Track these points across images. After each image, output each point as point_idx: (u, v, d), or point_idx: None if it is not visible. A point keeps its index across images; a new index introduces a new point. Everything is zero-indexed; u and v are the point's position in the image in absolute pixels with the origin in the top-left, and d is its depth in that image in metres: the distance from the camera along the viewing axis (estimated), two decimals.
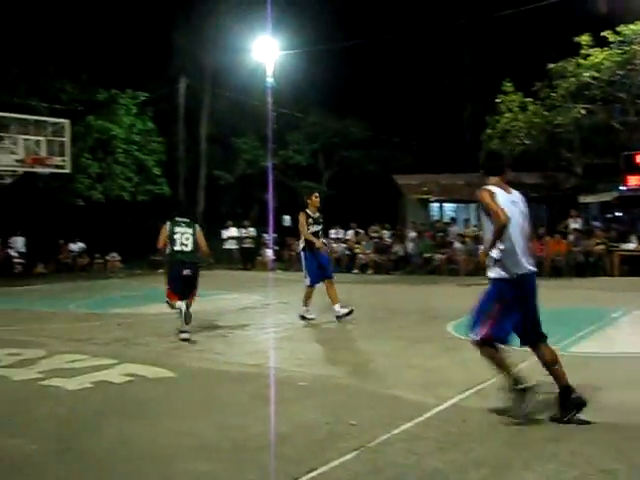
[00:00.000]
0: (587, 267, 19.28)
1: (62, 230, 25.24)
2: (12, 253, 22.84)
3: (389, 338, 9.00)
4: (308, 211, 10.91)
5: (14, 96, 23.67)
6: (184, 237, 9.42)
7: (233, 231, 25.77)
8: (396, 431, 4.89)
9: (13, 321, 11.69)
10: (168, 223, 9.57)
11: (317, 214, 11.02)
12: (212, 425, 5.20)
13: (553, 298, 10.82)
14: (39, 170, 21.55)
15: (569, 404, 5.03)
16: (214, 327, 10.47)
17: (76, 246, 25.65)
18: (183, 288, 9.36)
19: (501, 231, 5.04)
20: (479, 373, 6.59)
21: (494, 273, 5.21)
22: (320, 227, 11.10)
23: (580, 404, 5.03)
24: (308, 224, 10.76)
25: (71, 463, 4.49)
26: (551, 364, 5.19)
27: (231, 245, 25.77)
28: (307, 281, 10.87)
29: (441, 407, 5.49)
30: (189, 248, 9.42)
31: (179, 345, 8.70)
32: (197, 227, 9.72)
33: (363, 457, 4.40)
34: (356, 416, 5.28)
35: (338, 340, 8.97)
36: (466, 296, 14.36)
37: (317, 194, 11.30)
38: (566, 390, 5.07)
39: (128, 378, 6.78)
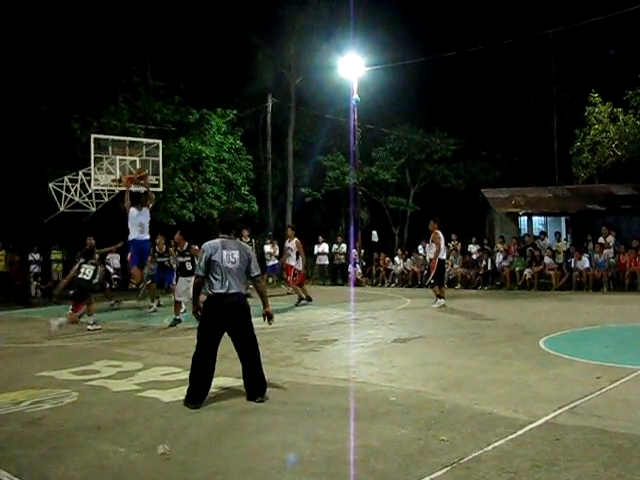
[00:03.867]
0: None
1: (154, 247, 26.03)
2: (109, 269, 23.67)
3: (480, 353, 8.92)
4: None
5: (118, 120, 24.71)
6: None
7: (325, 247, 25.93)
8: (488, 448, 4.85)
9: (112, 335, 12.18)
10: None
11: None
12: (305, 438, 5.28)
13: None
14: (134, 189, 22.27)
15: None
16: (305, 342, 10.60)
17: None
18: None
19: None
20: (572, 390, 6.49)
21: None
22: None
23: None
24: None
25: (170, 473, 4.64)
26: None
27: (323, 261, 25.95)
28: None
29: (534, 424, 5.41)
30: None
31: (271, 359, 8.86)
32: None
33: (454, 474, 4.38)
34: (447, 432, 5.27)
35: (428, 355, 8.93)
36: (558, 311, 14.16)
37: None
38: None
39: (221, 391, 6.95)
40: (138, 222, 14.91)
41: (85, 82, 26.42)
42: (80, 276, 12.70)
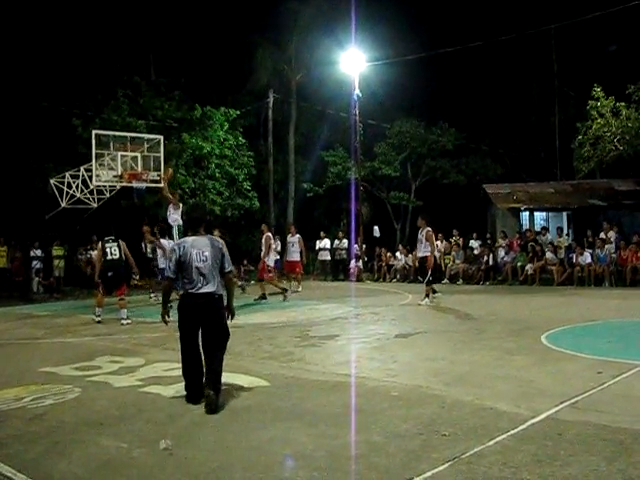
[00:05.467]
0: None
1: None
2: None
3: (482, 348, 8.92)
4: None
5: (118, 116, 24.71)
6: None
7: (326, 242, 25.90)
8: (490, 443, 4.85)
9: (114, 330, 12.19)
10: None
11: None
12: (307, 434, 5.28)
13: None
14: (136, 185, 22.27)
15: None
16: (307, 337, 10.58)
17: None
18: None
19: None
20: (574, 385, 6.49)
21: None
22: None
23: None
24: None
25: (173, 469, 4.64)
26: None
27: (325, 256, 25.92)
28: None
29: (536, 419, 5.41)
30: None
31: (273, 355, 8.88)
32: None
33: (456, 468, 4.38)
34: (449, 427, 5.27)
35: (430, 350, 8.93)
36: (560, 307, 14.16)
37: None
38: None
39: (223, 387, 6.94)
40: (173, 219, 17.31)
41: (86, 78, 26.39)
42: (109, 257, 12.91)
